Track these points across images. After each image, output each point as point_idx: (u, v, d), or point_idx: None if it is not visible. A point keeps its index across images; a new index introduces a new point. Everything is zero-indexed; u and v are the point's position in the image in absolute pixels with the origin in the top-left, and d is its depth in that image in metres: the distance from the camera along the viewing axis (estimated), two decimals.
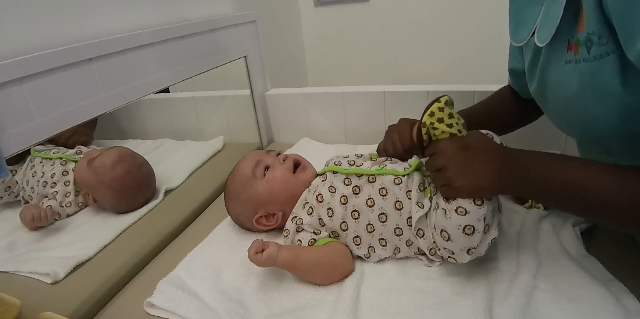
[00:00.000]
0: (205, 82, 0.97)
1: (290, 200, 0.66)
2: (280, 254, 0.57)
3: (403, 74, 1.52)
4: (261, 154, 0.72)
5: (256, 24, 1.09)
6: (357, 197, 0.61)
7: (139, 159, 0.86)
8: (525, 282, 0.53)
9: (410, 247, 0.60)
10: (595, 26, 0.43)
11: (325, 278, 0.59)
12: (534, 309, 0.50)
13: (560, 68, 0.49)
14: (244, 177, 0.69)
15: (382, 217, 0.60)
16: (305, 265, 0.58)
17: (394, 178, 0.61)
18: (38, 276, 0.63)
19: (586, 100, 0.46)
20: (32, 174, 0.82)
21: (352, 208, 0.61)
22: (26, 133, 0.54)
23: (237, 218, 0.72)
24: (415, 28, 1.43)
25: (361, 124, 1.09)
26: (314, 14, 1.52)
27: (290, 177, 0.67)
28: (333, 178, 0.64)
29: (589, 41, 0.44)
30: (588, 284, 0.52)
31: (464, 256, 0.53)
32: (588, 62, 0.44)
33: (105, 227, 0.77)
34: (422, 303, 0.53)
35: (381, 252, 0.61)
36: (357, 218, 0.61)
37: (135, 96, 0.71)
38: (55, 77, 0.57)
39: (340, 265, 0.60)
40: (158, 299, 0.56)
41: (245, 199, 0.68)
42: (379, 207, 0.60)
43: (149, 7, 0.78)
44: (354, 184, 0.62)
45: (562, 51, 0.48)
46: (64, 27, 0.62)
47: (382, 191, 0.60)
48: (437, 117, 0.55)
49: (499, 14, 1.29)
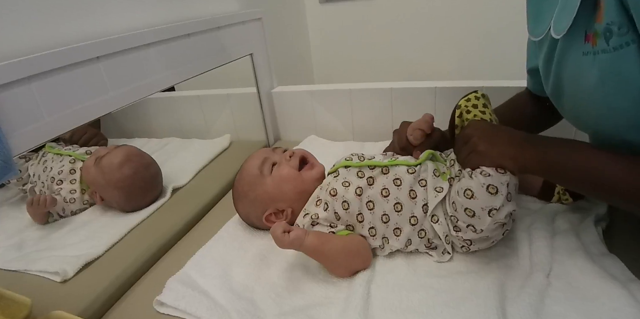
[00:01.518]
0: (211, 80, 0.97)
1: (299, 197, 0.66)
2: (307, 238, 0.57)
3: (409, 70, 1.51)
4: (267, 151, 0.72)
5: (262, 21, 1.08)
6: (372, 188, 0.62)
7: (146, 159, 0.86)
8: (539, 280, 0.53)
9: (422, 239, 0.61)
10: (614, 16, 0.42)
11: (348, 266, 0.59)
12: (548, 308, 0.49)
13: (578, 60, 0.49)
14: (251, 175, 0.68)
15: (397, 206, 0.61)
16: (331, 251, 0.58)
17: (407, 168, 0.62)
18: (47, 275, 0.63)
19: (606, 91, 0.46)
20: (43, 168, 0.82)
21: (367, 199, 0.61)
22: (35, 132, 0.54)
23: (247, 217, 0.72)
24: (420, 24, 1.42)
25: (368, 121, 1.08)
26: (320, 11, 1.51)
27: (298, 175, 0.67)
28: (346, 173, 0.65)
29: (608, 31, 0.43)
30: (605, 283, 0.51)
31: (484, 219, 0.53)
32: (607, 53, 0.44)
33: (113, 226, 0.77)
34: (433, 301, 0.53)
35: (394, 243, 0.61)
36: (372, 209, 0.61)
37: (142, 94, 0.71)
38: (63, 76, 0.57)
39: (363, 254, 0.60)
40: (168, 298, 0.55)
41: (254, 198, 0.68)
42: (394, 196, 0.61)
43: (155, 5, 0.78)
44: (368, 175, 0.63)
45: (580, 43, 0.48)
46: (71, 25, 0.62)
47: (397, 182, 0.61)
48: (472, 104, 0.60)
49: (504, 9, 1.29)
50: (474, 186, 0.53)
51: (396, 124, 1.04)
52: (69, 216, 0.79)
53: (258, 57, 1.08)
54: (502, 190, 0.52)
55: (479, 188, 0.53)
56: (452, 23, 1.39)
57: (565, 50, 0.52)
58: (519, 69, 1.44)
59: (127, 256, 0.69)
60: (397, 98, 1.02)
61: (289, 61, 1.41)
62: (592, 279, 0.53)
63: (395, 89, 1.01)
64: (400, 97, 1.02)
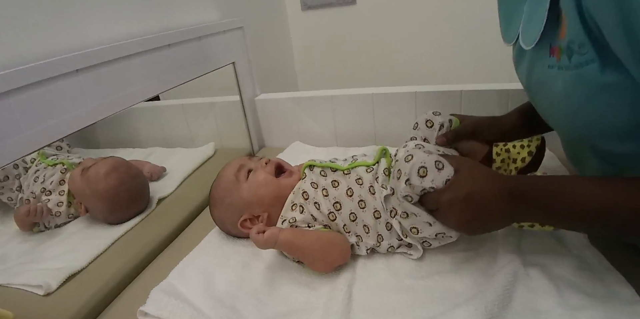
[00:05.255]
0: (194, 89, 0.97)
1: (275, 201, 0.67)
2: (281, 234, 0.58)
3: (392, 75, 1.53)
4: (243, 159, 0.73)
5: (243, 30, 1.09)
6: (337, 189, 0.64)
7: (133, 170, 0.86)
8: (514, 272, 0.54)
9: (390, 232, 0.62)
10: (575, 34, 0.42)
11: (325, 258, 0.60)
12: (530, 301, 0.51)
13: (545, 72, 0.49)
14: (227, 182, 0.69)
15: (361, 203, 0.63)
16: (306, 243, 0.60)
17: (366, 168, 0.65)
18: (30, 288, 0.63)
19: (571, 104, 0.46)
20: (34, 178, 0.82)
21: (334, 200, 0.64)
22: (14, 146, 0.54)
23: (222, 224, 0.72)
24: (402, 29, 1.45)
25: (351, 127, 1.09)
26: (302, 18, 1.53)
27: (273, 180, 0.68)
28: (311, 175, 0.67)
29: (569, 49, 0.43)
30: (583, 273, 0.53)
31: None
32: (570, 70, 0.44)
33: (97, 237, 0.77)
34: (413, 302, 0.54)
35: (367, 240, 0.63)
36: (339, 209, 0.63)
37: (124, 105, 0.71)
38: (42, 90, 0.57)
39: (340, 245, 0.62)
40: (151, 308, 0.56)
41: (230, 204, 0.68)
42: (358, 194, 0.63)
43: (135, 16, 0.79)
44: (331, 178, 0.65)
45: (545, 55, 0.48)
46: (50, 38, 0.62)
47: (359, 181, 0.64)
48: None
49: (485, 14, 1.31)
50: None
51: (378, 129, 1.07)
52: (52, 228, 0.79)
53: (240, 66, 1.09)
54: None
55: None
56: (432, 27, 1.42)
57: (534, 61, 0.52)
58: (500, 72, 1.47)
59: (111, 268, 0.69)
60: (378, 103, 1.04)
61: (272, 68, 1.42)
62: (570, 268, 0.54)
63: (376, 95, 1.03)
64: (381, 102, 1.04)
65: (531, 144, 0.67)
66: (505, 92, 0.93)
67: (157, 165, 0.97)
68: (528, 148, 0.67)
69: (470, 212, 0.50)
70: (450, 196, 0.51)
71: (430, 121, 0.70)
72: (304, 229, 0.64)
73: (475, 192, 0.50)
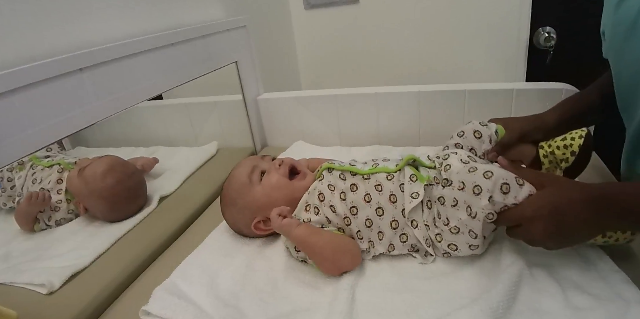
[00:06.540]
0: (198, 88, 0.97)
1: (288, 204, 0.66)
2: (298, 228, 0.59)
3: (395, 74, 1.53)
4: (256, 159, 0.73)
5: (247, 29, 1.09)
6: (355, 193, 0.63)
7: (130, 168, 0.86)
8: (521, 273, 0.54)
9: (404, 244, 0.62)
10: None
11: (335, 262, 0.60)
12: (534, 301, 0.50)
13: None
14: (240, 183, 0.69)
15: (379, 211, 0.62)
16: (319, 243, 0.59)
17: (386, 175, 0.63)
18: (34, 287, 0.63)
19: None
20: (32, 181, 0.82)
21: (350, 204, 0.63)
22: (18, 145, 0.54)
23: (234, 225, 0.72)
24: (405, 28, 1.44)
25: (355, 126, 1.09)
26: (305, 17, 1.52)
27: (287, 183, 0.68)
28: (329, 176, 0.66)
29: None
30: (588, 274, 0.53)
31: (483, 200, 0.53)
32: None
33: (100, 236, 0.76)
34: (417, 303, 0.54)
35: (378, 247, 0.63)
36: (355, 214, 0.62)
37: (127, 104, 0.71)
38: (45, 88, 0.57)
39: (352, 252, 0.61)
40: (154, 307, 0.56)
41: (243, 206, 0.68)
42: (376, 201, 0.62)
43: (139, 14, 0.79)
44: (350, 181, 0.64)
45: None
46: (54, 36, 0.62)
47: (378, 187, 0.62)
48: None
49: (488, 13, 1.31)
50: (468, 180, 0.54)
51: (382, 128, 1.06)
52: (53, 226, 0.79)
53: (243, 65, 1.09)
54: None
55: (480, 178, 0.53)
56: (435, 26, 1.41)
57: None
58: (504, 72, 1.47)
59: (114, 266, 0.69)
60: (382, 103, 1.04)
61: (275, 67, 1.42)
62: (576, 270, 0.54)
63: (380, 94, 1.03)
64: (385, 102, 1.03)
65: (573, 143, 0.67)
66: (510, 92, 0.92)
67: (149, 157, 0.96)
68: (571, 148, 0.67)
69: (555, 223, 0.48)
70: (533, 210, 0.50)
71: (479, 132, 0.68)
72: (321, 229, 0.63)
73: (562, 203, 0.49)
